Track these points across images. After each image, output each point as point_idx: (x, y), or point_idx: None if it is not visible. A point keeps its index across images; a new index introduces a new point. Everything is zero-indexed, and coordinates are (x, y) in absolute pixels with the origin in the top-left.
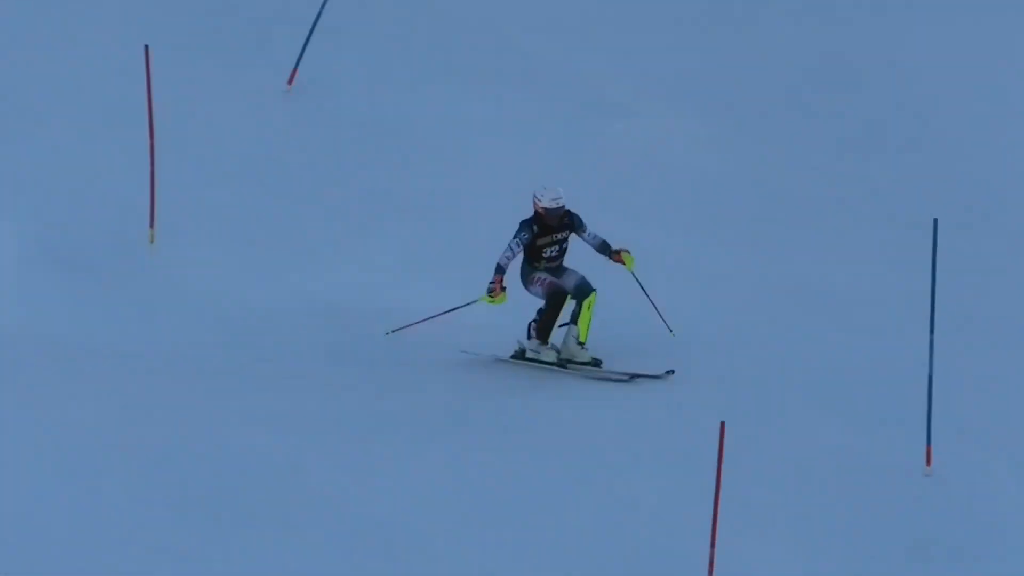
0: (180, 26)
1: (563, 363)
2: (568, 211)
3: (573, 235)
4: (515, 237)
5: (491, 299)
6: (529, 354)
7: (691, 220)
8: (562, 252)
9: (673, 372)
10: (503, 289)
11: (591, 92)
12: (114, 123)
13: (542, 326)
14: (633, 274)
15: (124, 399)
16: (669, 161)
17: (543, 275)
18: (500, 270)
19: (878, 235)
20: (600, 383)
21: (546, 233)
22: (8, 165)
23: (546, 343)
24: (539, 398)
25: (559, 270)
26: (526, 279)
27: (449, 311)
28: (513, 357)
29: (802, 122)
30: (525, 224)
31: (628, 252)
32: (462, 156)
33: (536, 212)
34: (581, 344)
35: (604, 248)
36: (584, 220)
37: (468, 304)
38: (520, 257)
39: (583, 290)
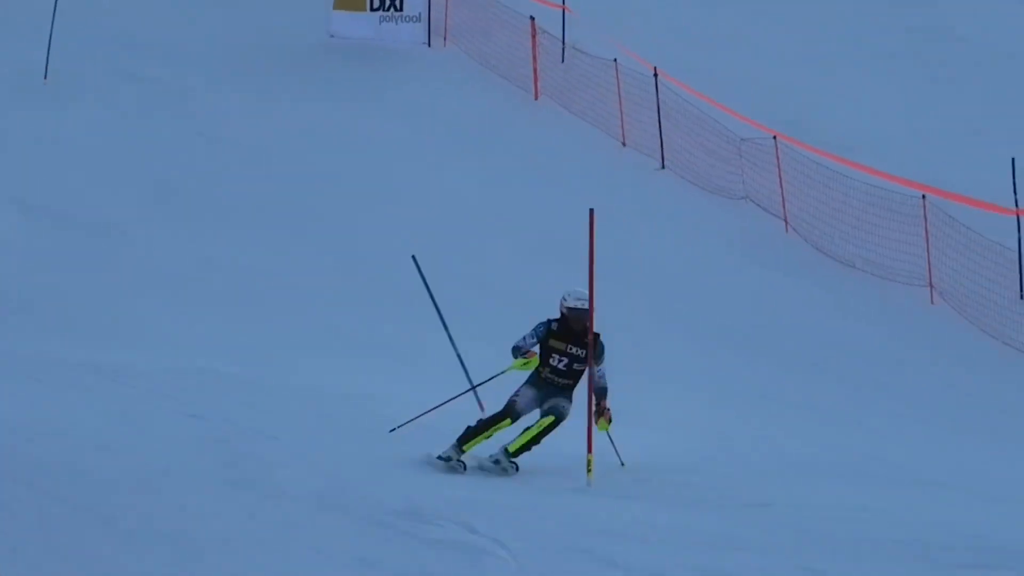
0: None
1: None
2: (596, 332)
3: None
4: (532, 330)
5: (521, 365)
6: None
7: None
8: (571, 371)
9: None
10: (528, 356)
11: None
12: None
13: (468, 432)
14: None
15: None
16: None
17: (525, 387)
18: (517, 350)
19: None
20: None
21: (563, 338)
22: None
23: (463, 450)
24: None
25: (549, 388)
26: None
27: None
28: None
29: None
30: (545, 322)
31: (607, 419)
32: None
33: (561, 314)
34: (507, 452)
35: (599, 395)
36: (604, 359)
37: (502, 373)
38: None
39: (553, 409)
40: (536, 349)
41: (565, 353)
